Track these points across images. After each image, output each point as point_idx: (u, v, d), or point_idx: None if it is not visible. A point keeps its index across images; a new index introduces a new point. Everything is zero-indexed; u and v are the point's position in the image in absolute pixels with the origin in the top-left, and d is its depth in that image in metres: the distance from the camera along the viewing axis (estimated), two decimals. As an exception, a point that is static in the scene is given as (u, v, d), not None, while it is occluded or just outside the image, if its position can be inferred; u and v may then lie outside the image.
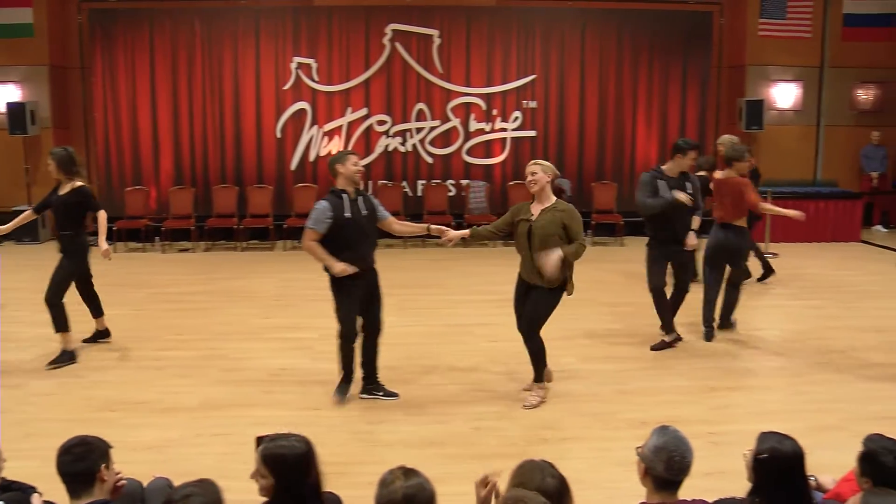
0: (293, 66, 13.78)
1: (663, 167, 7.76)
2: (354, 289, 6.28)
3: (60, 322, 7.36)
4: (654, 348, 7.85)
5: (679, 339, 8.00)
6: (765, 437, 3.32)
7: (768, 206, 8.49)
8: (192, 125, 13.82)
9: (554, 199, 6.26)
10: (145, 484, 3.87)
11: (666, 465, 3.14)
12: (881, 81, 14.69)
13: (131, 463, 4.31)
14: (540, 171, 6.21)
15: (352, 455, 5.46)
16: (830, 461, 4.67)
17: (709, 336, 8.16)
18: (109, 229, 13.00)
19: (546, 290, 6.20)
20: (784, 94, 14.55)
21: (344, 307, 6.32)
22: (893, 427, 5.57)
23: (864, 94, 14.73)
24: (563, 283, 6.22)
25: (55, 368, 7.20)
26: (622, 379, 7.03)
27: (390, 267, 11.87)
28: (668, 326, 7.94)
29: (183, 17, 13.59)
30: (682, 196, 7.48)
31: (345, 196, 6.22)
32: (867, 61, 14.55)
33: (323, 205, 6.18)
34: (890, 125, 14.74)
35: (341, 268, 6.12)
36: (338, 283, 6.26)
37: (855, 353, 7.68)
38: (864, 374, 7.18)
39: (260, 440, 3.35)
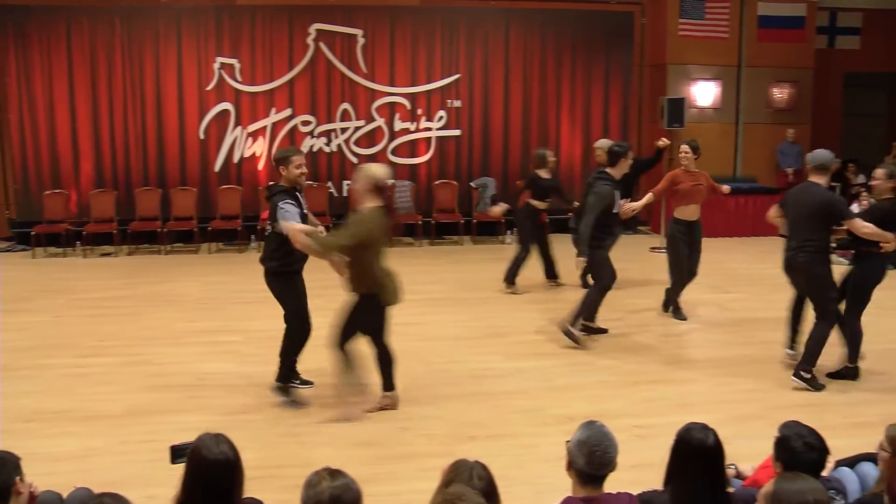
0: (216, 66, 13.59)
1: (610, 171, 8.03)
2: (301, 283, 6.40)
3: None
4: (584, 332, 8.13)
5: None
6: (686, 425, 3.39)
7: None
8: (113, 127, 13.52)
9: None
10: (65, 495, 3.77)
11: (587, 460, 3.18)
12: (794, 81, 15.10)
13: (52, 474, 4.22)
14: (355, 182, 6.15)
15: (279, 458, 5.42)
16: (751, 449, 4.79)
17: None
18: (27, 234, 12.76)
19: (358, 299, 6.05)
20: (704, 93, 14.83)
21: (298, 302, 6.37)
22: (810, 414, 5.76)
23: (780, 93, 15.12)
24: (373, 292, 6.02)
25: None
26: (548, 375, 7.11)
27: (317, 268, 11.82)
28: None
29: (101, 15, 13.28)
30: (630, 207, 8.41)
31: (298, 194, 6.29)
32: (781, 61, 14.93)
33: (289, 203, 6.13)
34: (803, 123, 15.17)
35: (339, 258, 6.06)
36: (287, 281, 6.29)
37: (775, 344, 7.86)
38: (783, 363, 7.38)
39: (174, 449, 3.29)
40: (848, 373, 7.04)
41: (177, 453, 3.32)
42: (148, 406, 6.40)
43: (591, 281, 9.39)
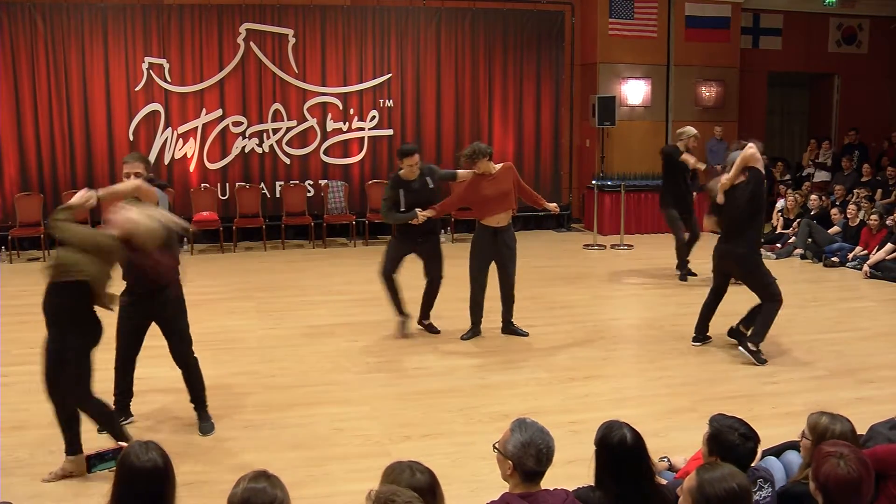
0: (144, 66, 13.34)
1: (400, 173, 7.93)
2: None
3: None
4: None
5: (405, 322, 8.29)
6: (603, 426, 3.42)
7: None
8: (38, 128, 13.18)
9: None
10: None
11: (536, 459, 3.19)
12: (720, 79, 15.40)
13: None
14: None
15: (214, 463, 5.35)
16: (683, 441, 4.89)
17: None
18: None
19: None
20: (634, 91, 15.03)
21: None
22: (739, 405, 5.91)
23: (707, 91, 15.40)
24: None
25: None
26: (482, 373, 7.14)
27: (247, 270, 11.78)
28: (400, 308, 8.25)
29: (21, 11, 12.92)
30: (423, 215, 7.80)
31: None
32: (708, 60, 15.22)
33: None
34: (730, 120, 15.48)
35: None
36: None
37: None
38: (713, 356, 7.54)
39: (89, 458, 3.22)
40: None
41: (93, 461, 3.25)
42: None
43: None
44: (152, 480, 3.01)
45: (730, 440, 3.47)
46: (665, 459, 4.56)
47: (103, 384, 5.94)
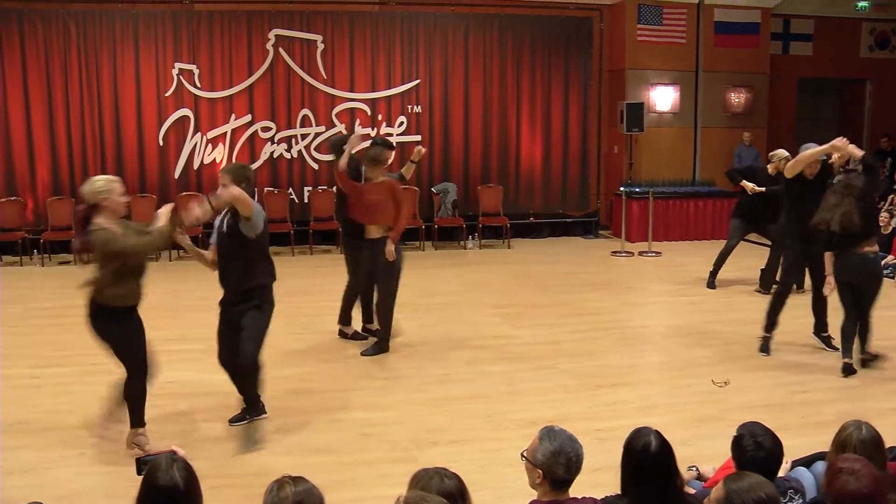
0: (175, 72, 13.46)
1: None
2: None
3: None
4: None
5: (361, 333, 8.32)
6: (632, 432, 3.40)
7: None
8: (70, 133, 13.34)
9: None
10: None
11: (566, 468, 3.19)
12: (750, 85, 15.29)
13: (6, 489, 4.13)
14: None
15: (240, 467, 5.38)
16: (711, 450, 4.85)
17: None
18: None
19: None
20: (662, 97, 14.96)
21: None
22: (768, 414, 5.85)
23: (736, 98, 15.30)
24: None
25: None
26: (510, 380, 7.12)
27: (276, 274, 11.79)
28: (345, 319, 8.37)
29: (56, 18, 13.09)
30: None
31: None
32: (737, 66, 15.13)
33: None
34: (759, 126, 15.37)
35: None
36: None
37: (733, 346, 7.97)
38: (742, 364, 7.47)
39: (139, 462, 3.24)
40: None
41: (142, 465, 3.28)
42: (108, 416, 6.31)
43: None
44: (169, 498, 3.02)
45: (744, 446, 3.47)
46: (694, 468, 4.53)
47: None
